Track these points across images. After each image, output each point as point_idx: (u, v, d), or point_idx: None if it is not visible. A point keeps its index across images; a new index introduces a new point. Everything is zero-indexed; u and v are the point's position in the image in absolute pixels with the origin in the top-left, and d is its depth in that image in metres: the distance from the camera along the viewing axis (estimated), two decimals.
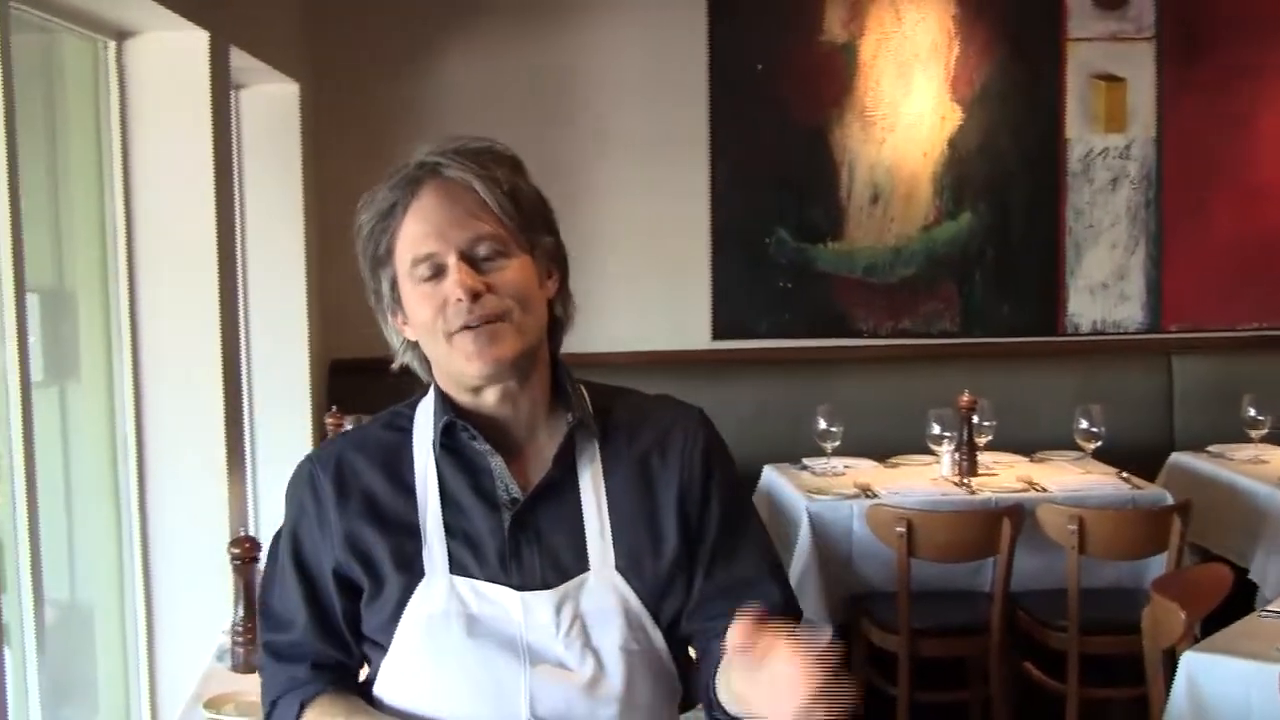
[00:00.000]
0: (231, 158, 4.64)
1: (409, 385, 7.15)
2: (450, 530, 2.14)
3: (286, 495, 2.25)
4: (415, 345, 2.21)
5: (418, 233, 2.11)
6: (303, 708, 2.19)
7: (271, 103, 5.98)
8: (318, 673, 2.20)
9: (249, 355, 5.76)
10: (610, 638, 2.10)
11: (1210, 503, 5.85)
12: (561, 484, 2.16)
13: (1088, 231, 7.36)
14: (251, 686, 3.42)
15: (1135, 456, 6.26)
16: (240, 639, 3.57)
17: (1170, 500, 5.55)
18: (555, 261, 2.20)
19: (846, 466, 6.01)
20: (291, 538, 2.23)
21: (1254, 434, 6.30)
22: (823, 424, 5.89)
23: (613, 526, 2.15)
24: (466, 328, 2.08)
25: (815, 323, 7.22)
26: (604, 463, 2.19)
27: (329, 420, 5.56)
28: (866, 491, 5.61)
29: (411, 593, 2.12)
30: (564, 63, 6.98)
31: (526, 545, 2.13)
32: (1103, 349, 7.39)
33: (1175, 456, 6.55)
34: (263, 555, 3.62)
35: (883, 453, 6.27)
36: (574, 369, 2.27)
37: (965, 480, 5.72)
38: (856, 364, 7.13)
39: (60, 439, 4.24)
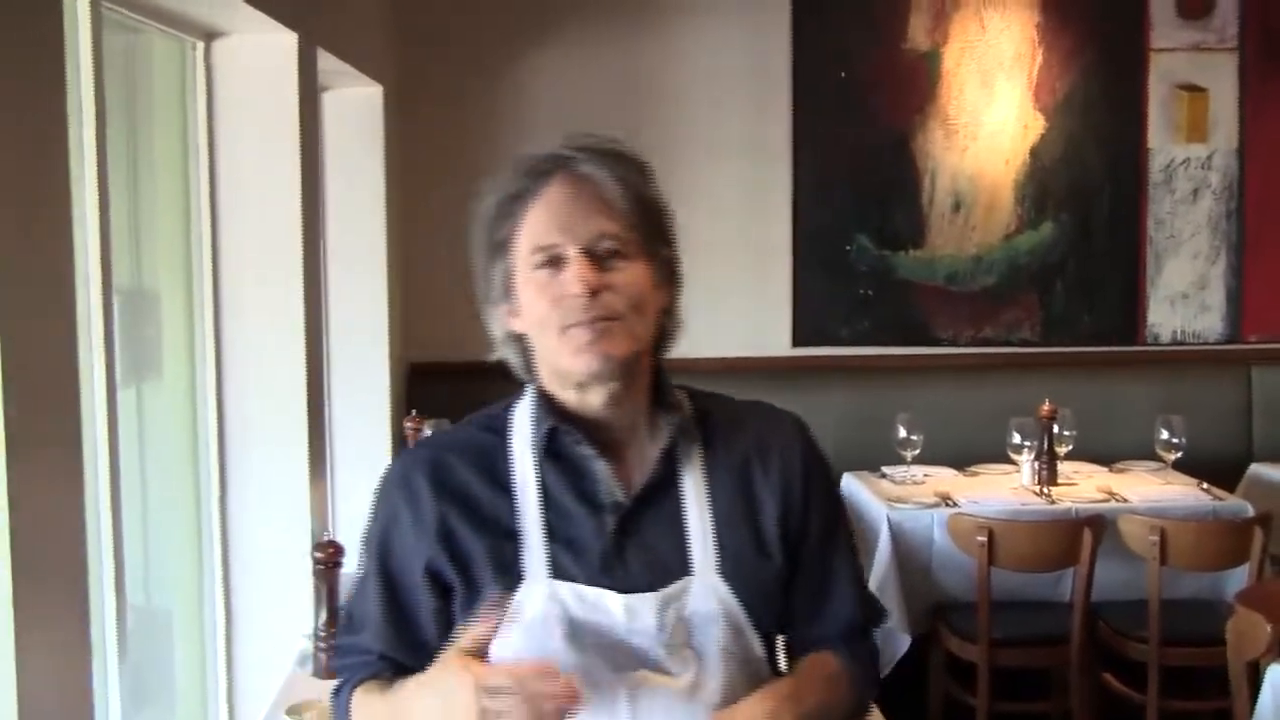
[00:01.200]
0: (318, 161, 4.65)
1: (487, 388, 7.10)
2: (551, 533, 2.11)
3: (377, 497, 2.21)
4: (516, 339, 2.19)
5: (543, 221, 2.09)
6: (353, 690, 2.19)
7: (355, 105, 5.99)
8: (382, 663, 2.18)
9: (329, 358, 5.78)
10: (711, 642, 2.08)
11: None
12: (664, 487, 2.14)
13: (1169, 241, 7.31)
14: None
15: (1214, 467, 6.22)
16: (323, 644, 3.56)
17: (1251, 512, 5.51)
18: (670, 273, 2.19)
19: (926, 475, 6.01)
20: (380, 541, 2.20)
21: None
22: (903, 432, 5.89)
23: (715, 530, 2.13)
24: (580, 323, 2.05)
25: (896, 330, 7.20)
26: (705, 466, 2.17)
27: (408, 424, 5.57)
28: (947, 500, 5.60)
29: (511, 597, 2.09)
30: (647, 68, 6.99)
31: (630, 548, 2.10)
32: (1182, 359, 7.34)
33: (1255, 467, 6.53)
34: (346, 560, 3.62)
35: (962, 461, 6.27)
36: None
37: (1045, 490, 5.71)
38: (937, 372, 7.12)
39: (137, 441, 4.27)
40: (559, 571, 2.09)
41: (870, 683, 2.28)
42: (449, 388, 6.54)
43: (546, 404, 2.16)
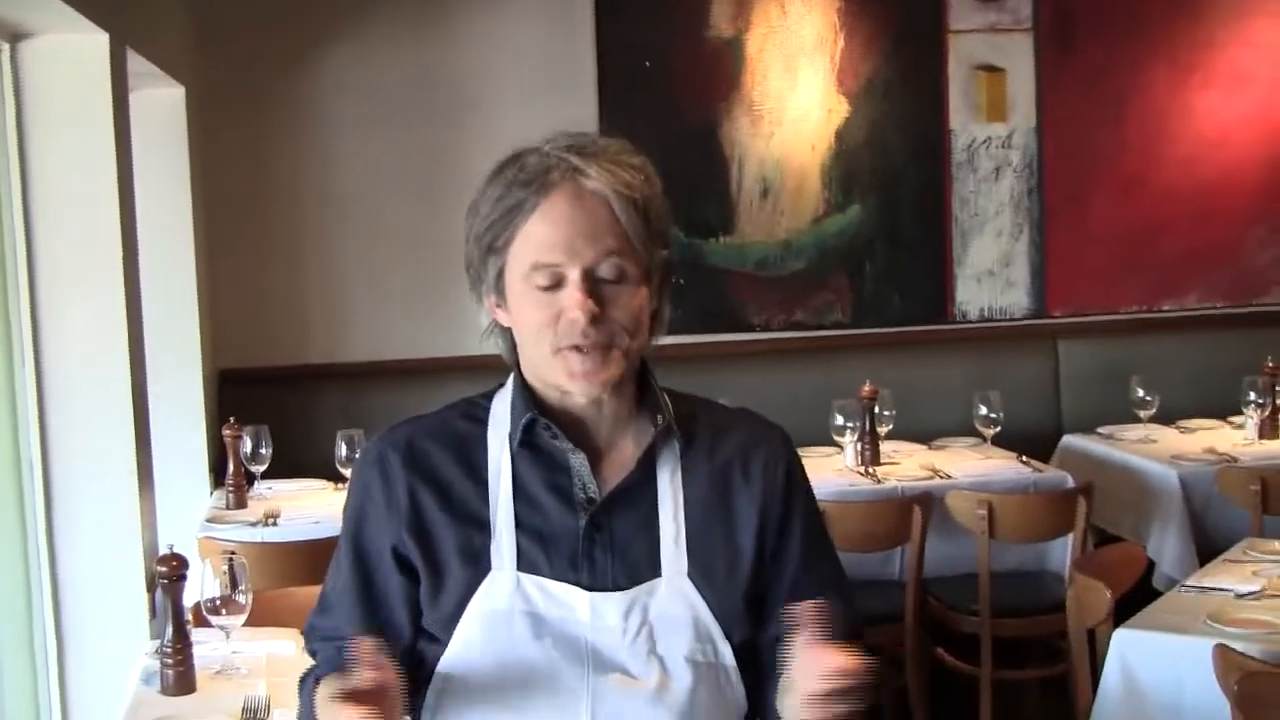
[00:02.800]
0: (131, 164, 4.52)
1: (301, 392, 6.95)
2: (521, 526, 2.08)
3: (353, 474, 2.20)
4: (504, 330, 2.17)
5: (545, 239, 2.04)
6: (317, 682, 2.10)
7: (157, 108, 5.86)
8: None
9: None
10: (677, 647, 2.06)
11: (1104, 483, 5.87)
12: (640, 487, 2.12)
13: (973, 220, 7.43)
14: (185, 709, 3.34)
15: (1027, 440, 6.34)
16: (170, 660, 3.43)
17: (1071, 483, 5.61)
18: (664, 275, 2.16)
19: None
20: (354, 520, 2.17)
21: (1142, 414, 6.38)
22: None
23: (688, 534, 2.11)
24: (576, 348, 2.03)
25: (710, 318, 7.18)
26: (684, 469, 2.15)
27: (227, 432, 5.49)
28: None
29: (475, 588, 2.06)
30: (451, 63, 6.91)
31: (600, 546, 2.08)
32: (991, 335, 7.47)
33: (1067, 439, 6.64)
34: (189, 573, 3.52)
35: None
36: (463, 371, 2.22)
37: (870, 470, 5.76)
38: (751, 358, 7.15)
39: None
40: (526, 564, 2.07)
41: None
42: (263, 393, 6.46)
43: (527, 395, 2.13)
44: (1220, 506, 5.72)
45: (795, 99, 7.19)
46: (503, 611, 2.05)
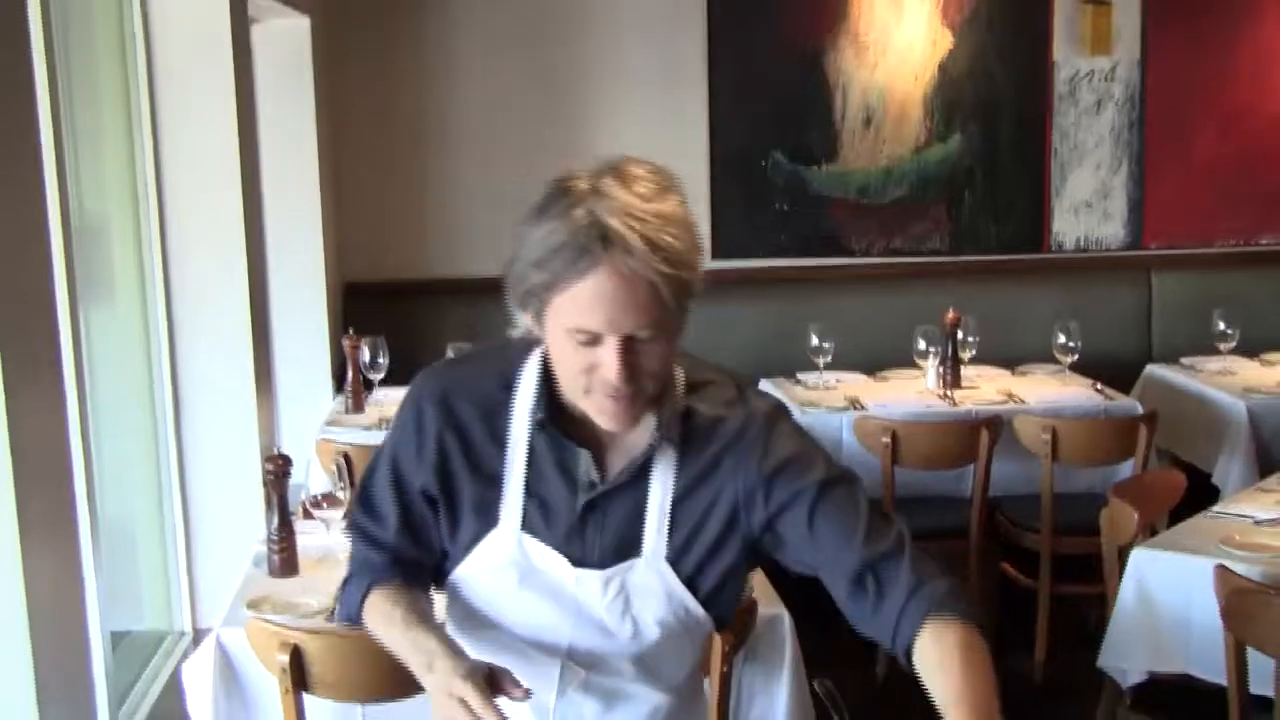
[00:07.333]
0: (253, 89, 4.86)
1: (424, 310, 7.20)
2: (530, 491, 2.31)
3: (401, 407, 2.37)
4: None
5: (587, 309, 2.09)
6: (370, 589, 2.39)
7: (283, 36, 6.21)
8: (394, 565, 2.38)
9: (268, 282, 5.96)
10: (649, 612, 2.31)
11: (1181, 412, 6.15)
12: (636, 480, 2.30)
13: (1073, 152, 7.63)
14: (287, 589, 3.73)
15: (1115, 368, 6.57)
16: (276, 548, 3.83)
17: (1140, 410, 5.83)
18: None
19: (838, 380, 6.28)
20: (393, 449, 2.38)
21: (1223, 347, 6.57)
22: (815, 340, 6.14)
23: (671, 521, 2.32)
24: (606, 395, 2.16)
25: (810, 243, 7.48)
26: (678, 461, 2.32)
27: (346, 342, 5.77)
28: (855, 404, 5.88)
29: (482, 538, 2.32)
30: None
31: (592, 525, 2.31)
32: (1085, 265, 7.68)
33: (1151, 368, 6.84)
34: (294, 470, 3.92)
35: (873, 367, 6.54)
36: None
37: (948, 393, 6.01)
38: (849, 282, 7.41)
39: (89, 364, 4.48)
40: (529, 526, 2.32)
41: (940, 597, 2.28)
42: (383, 306, 6.80)
43: (546, 388, 2.30)
44: None
45: (900, 29, 7.39)
46: (502, 563, 2.32)
